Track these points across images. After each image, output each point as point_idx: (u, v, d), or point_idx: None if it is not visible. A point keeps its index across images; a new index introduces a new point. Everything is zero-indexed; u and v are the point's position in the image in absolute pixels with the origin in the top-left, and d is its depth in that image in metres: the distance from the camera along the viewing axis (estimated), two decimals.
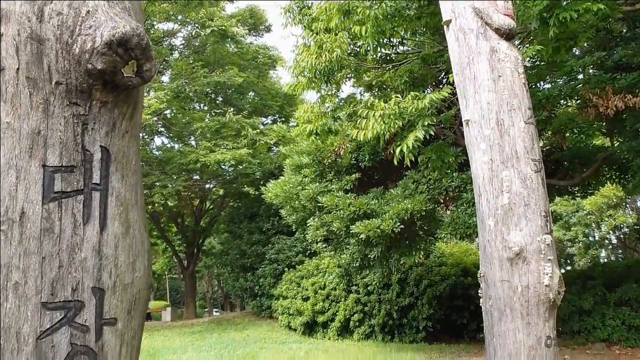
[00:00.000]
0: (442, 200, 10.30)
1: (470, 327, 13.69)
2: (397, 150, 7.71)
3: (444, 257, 15.15)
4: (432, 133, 7.99)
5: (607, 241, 29.80)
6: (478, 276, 3.48)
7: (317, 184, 11.49)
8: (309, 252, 17.56)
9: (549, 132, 10.67)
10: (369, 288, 14.62)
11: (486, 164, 3.25)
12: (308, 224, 11.58)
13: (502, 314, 3.15)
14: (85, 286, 1.32)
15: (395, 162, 8.07)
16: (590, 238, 29.04)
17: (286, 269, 17.83)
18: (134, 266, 1.42)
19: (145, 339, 15.55)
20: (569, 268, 25.50)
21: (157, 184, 19.95)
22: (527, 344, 2.99)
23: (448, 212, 10.07)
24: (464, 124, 3.65)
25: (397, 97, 7.83)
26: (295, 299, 16.63)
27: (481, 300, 3.40)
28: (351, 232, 10.00)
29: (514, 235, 3.13)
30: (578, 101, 10.24)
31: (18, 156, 1.30)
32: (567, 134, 10.63)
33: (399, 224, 9.39)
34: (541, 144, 11.64)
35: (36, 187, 1.30)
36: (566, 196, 17.56)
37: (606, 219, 26.42)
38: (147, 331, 18.19)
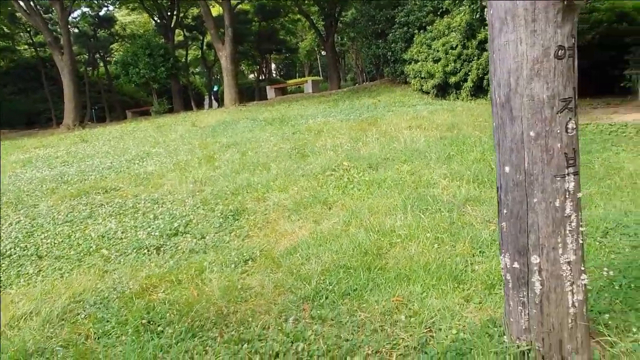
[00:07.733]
0: None
1: (620, 82, 12.21)
2: None
3: (597, 2, 13.03)
4: None
5: None
6: None
7: None
8: (440, 10, 16.17)
9: None
10: None
11: None
12: None
13: (503, 23, 2.54)
14: None
15: None
16: None
17: (417, 31, 16.82)
18: None
19: (282, 110, 16.53)
20: None
21: None
22: (530, 56, 2.41)
23: None
24: None
25: None
26: (426, 61, 15.96)
27: (485, 10, 2.79)
28: None
29: None
30: None
31: None
32: None
33: None
34: None
35: None
36: None
37: None
38: (285, 102, 19.20)
